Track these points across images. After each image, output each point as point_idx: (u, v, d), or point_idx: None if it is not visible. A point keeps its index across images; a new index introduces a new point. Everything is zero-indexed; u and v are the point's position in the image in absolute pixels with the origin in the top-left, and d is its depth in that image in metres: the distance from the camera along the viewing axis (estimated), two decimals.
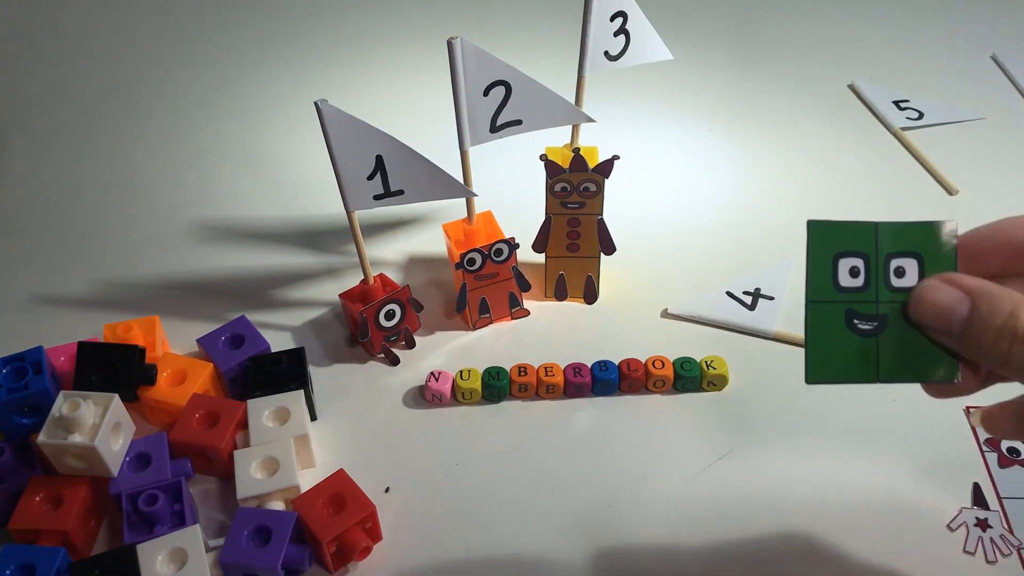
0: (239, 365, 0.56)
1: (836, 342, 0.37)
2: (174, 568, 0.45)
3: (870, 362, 0.37)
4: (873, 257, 0.38)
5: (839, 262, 0.38)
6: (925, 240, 0.37)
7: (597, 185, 0.58)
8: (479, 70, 0.51)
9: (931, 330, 0.34)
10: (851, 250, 0.38)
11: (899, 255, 0.38)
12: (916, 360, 0.36)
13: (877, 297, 0.37)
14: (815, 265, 0.39)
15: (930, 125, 0.83)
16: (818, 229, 0.39)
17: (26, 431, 0.51)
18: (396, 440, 0.56)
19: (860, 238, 0.39)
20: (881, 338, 0.37)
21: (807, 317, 0.38)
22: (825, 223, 0.39)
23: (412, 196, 0.53)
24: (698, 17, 0.98)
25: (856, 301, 0.37)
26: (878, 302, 0.37)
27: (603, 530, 0.51)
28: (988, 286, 0.32)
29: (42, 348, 0.53)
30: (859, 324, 0.37)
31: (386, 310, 0.59)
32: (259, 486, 0.49)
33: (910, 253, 0.37)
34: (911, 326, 0.36)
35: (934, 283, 0.34)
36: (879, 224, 0.38)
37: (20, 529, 0.47)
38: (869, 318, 0.37)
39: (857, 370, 0.37)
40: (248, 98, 0.86)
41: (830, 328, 0.38)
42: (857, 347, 0.37)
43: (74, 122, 0.83)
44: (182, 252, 0.70)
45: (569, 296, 0.65)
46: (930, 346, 0.35)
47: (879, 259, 0.38)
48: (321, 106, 0.48)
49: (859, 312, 0.37)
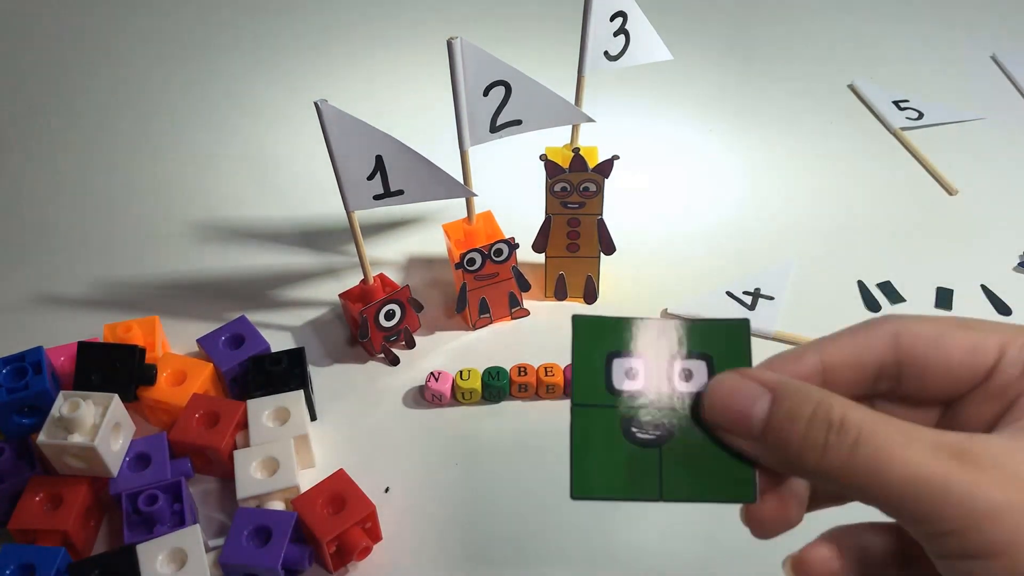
0: (239, 365, 0.56)
1: (609, 452, 0.32)
2: (174, 568, 0.45)
3: (651, 477, 0.32)
4: (654, 358, 0.32)
5: (613, 362, 0.33)
6: (714, 340, 0.31)
7: (597, 185, 0.58)
8: (479, 70, 0.51)
9: (728, 432, 0.29)
10: (626, 350, 0.33)
11: (686, 357, 0.32)
12: (707, 476, 0.30)
13: (659, 403, 0.32)
14: (581, 365, 0.33)
15: (930, 125, 0.83)
16: (584, 325, 0.33)
17: (26, 431, 0.51)
18: (396, 440, 0.56)
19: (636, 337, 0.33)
20: (664, 450, 0.32)
21: (572, 422, 0.33)
22: (592, 319, 0.33)
23: (412, 196, 0.53)
24: (698, 17, 0.98)
25: (634, 407, 0.32)
26: (660, 408, 0.32)
27: (603, 530, 0.51)
28: (789, 379, 0.28)
29: (42, 348, 0.53)
30: (637, 433, 0.32)
31: (386, 310, 0.59)
32: (259, 486, 0.49)
33: (698, 355, 0.32)
34: (701, 435, 0.30)
35: (727, 378, 0.29)
36: (660, 321, 0.33)
37: (20, 529, 0.47)
38: (649, 427, 0.32)
39: (634, 485, 0.31)
40: (248, 98, 0.86)
41: (601, 436, 0.33)
42: (634, 459, 0.31)
43: (74, 122, 0.83)
44: (182, 252, 0.70)
45: (569, 296, 0.65)
46: (723, 459, 0.30)
47: (660, 360, 0.32)
48: (321, 106, 0.48)
49: (637, 419, 0.32)
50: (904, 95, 0.86)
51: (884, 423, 0.26)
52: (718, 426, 0.29)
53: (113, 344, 0.54)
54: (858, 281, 0.67)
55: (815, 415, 0.27)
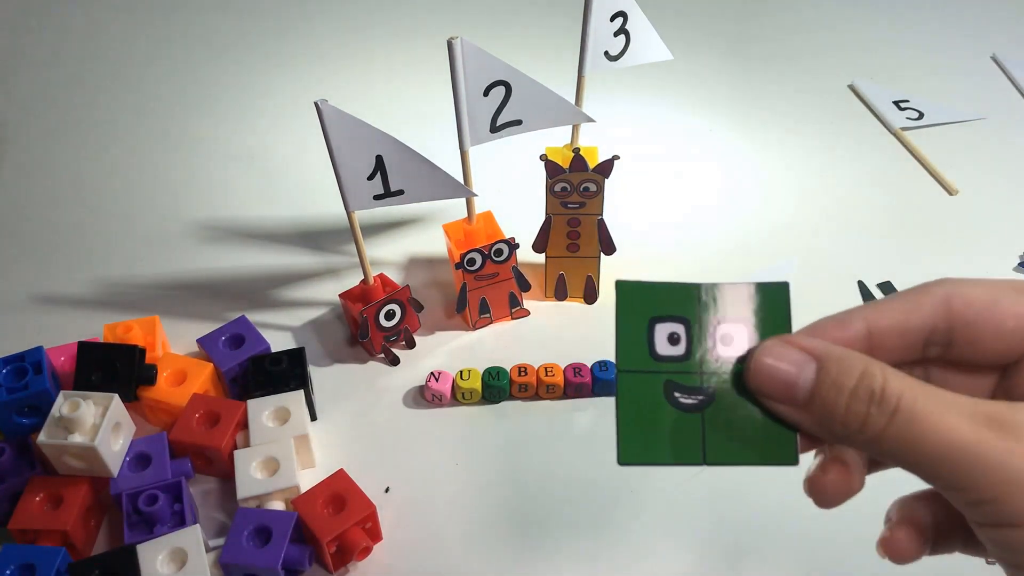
0: (239, 365, 0.56)
1: (653, 418, 0.32)
2: (174, 568, 0.45)
3: (694, 441, 0.32)
4: (694, 321, 0.33)
5: (655, 327, 0.33)
6: (755, 304, 0.32)
7: (597, 185, 0.58)
8: (479, 70, 0.51)
9: (772, 400, 0.29)
10: (669, 314, 0.33)
11: (727, 321, 0.33)
12: (748, 441, 0.31)
13: (701, 368, 0.32)
14: (625, 330, 0.33)
15: (930, 125, 0.83)
16: (628, 290, 0.33)
17: (26, 431, 0.51)
18: (396, 440, 0.56)
19: (679, 301, 0.34)
20: (706, 414, 0.32)
21: (618, 388, 0.32)
22: (636, 284, 0.33)
23: (412, 196, 0.53)
24: (698, 17, 0.98)
25: (677, 372, 0.33)
26: (702, 373, 0.32)
27: (603, 530, 0.51)
28: (834, 347, 0.28)
29: (42, 348, 0.53)
30: (680, 398, 0.32)
31: (386, 310, 0.59)
32: (259, 486, 0.49)
33: (739, 318, 0.33)
34: (743, 400, 0.31)
35: (773, 345, 0.29)
36: (701, 286, 0.33)
37: (20, 529, 0.47)
38: (692, 391, 0.32)
39: (678, 450, 0.32)
40: (249, 98, 0.86)
41: (646, 402, 0.33)
42: (678, 424, 0.32)
43: (74, 122, 0.83)
44: (182, 252, 0.70)
45: (569, 296, 0.65)
46: (765, 423, 0.31)
47: (703, 324, 0.33)
48: (321, 106, 0.48)
49: (681, 384, 0.32)
50: (904, 95, 0.86)
51: (923, 392, 0.26)
52: (762, 393, 0.29)
53: (113, 344, 0.54)
54: (858, 281, 0.67)
55: (859, 386, 0.27)
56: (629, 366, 0.33)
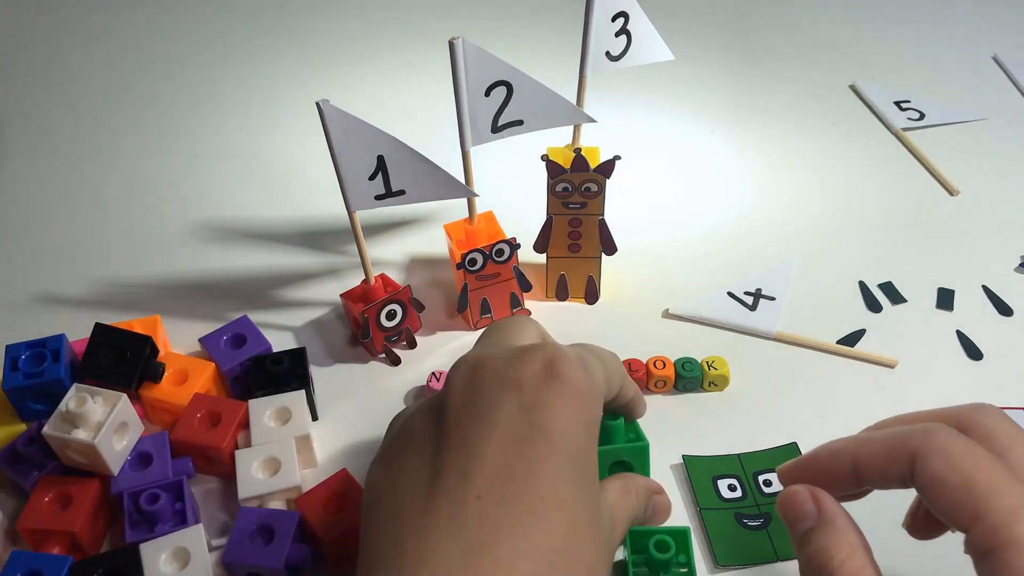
0: (241, 365, 0.56)
1: (734, 536, 0.48)
2: (177, 567, 0.45)
3: (766, 547, 0.47)
4: (743, 476, 0.51)
5: (717, 482, 0.50)
6: (780, 460, 0.42)
7: (598, 185, 0.58)
8: (480, 70, 0.51)
9: (786, 525, 0.36)
10: (724, 473, 0.51)
11: (763, 471, 0.51)
12: None
13: (756, 502, 0.49)
14: (698, 485, 0.50)
15: (931, 126, 0.83)
16: (692, 463, 0.51)
17: (40, 417, 0.51)
18: None
19: (728, 465, 0.51)
20: (770, 529, 0.48)
21: (704, 521, 0.48)
22: (697, 458, 0.51)
23: (413, 196, 0.53)
24: (699, 18, 0.98)
25: (740, 507, 0.49)
26: (758, 505, 0.49)
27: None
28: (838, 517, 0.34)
29: (64, 336, 0.53)
30: (748, 522, 0.48)
31: (387, 310, 0.59)
32: (260, 486, 0.49)
33: (771, 470, 0.51)
34: None
35: (798, 490, 0.35)
36: (742, 455, 0.52)
37: (29, 529, 0.47)
38: (754, 517, 0.48)
39: (757, 554, 0.47)
40: (249, 98, 0.86)
41: (726, 526, 0.48)
42: (753, 538, 0.47)
43: (75, 122, 0.83)
44: (184, 252, 0.70)
45: (570, 296, 0.65)
46: None
47: (749, 477, 0.51)
48: (322, 106, 0.48)
49: (745, 514, 0.48)
50: (905, 96, 0.86)
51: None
52: (787, 522, 0.36)
53: (129, 331, 0.53)
54: (859, 281, 0.67)
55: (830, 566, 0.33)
56: (707, 505, 0.49)
